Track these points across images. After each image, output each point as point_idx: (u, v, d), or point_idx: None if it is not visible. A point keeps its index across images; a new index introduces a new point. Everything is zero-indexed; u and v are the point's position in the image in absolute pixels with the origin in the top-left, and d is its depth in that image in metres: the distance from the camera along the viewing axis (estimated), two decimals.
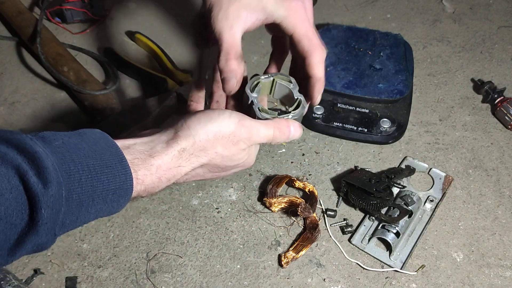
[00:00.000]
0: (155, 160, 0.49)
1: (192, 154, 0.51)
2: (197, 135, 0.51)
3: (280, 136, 0.55)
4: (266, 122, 0.55)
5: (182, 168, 0.51)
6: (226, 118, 0.53)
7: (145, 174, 0.48)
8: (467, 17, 1.10)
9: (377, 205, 0.71)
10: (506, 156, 0.85)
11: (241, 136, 0.53)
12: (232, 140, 0.53)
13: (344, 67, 0.91)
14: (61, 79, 0.85)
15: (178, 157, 0.50)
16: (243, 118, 0.54)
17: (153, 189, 0.50)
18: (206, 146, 0.52)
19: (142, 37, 0.98)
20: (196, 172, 0.54)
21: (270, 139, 0.55)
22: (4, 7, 0.98)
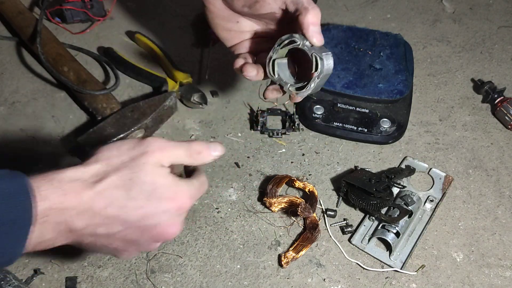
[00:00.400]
0: (57, 174, 0.46)
1: (99, 169, 0.47)
2: (100, 153, 0.49)
3: (197, 146, 0.52)
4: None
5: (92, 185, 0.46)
6: (129, 139, 0.52)
7: (47, 188, 0.44)
8: (467, 17, 1.10)
9: (377, 205, 0.71)
10: (506, 156, 0.85)
11: (149, 144, 0.49)
12: (138, 150, 0.49)
13: (344, 67, 0.91)
14: (61, 79, 0.85)
15: (83, 172, 0.47)
16: (148, 145, 0.50)
17: (61, 205, 0.45)
18: (111, 159, 0.48)
19: (142, 37, 0.98)
20: (112, 195, 0.47)
21: (187, 151, 0.51)
22: (4, 7, 0.98)
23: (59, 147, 0.82)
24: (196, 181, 0.52)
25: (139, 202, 0.47)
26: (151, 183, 0.48)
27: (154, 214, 0.49)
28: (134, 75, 0.93)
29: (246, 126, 0.87)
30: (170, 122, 0.87)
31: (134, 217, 0.48)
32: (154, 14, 1.06)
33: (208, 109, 0.89)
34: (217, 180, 0.79)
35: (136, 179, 0.47)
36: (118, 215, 0.47)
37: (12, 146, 0.82)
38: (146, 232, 0.49)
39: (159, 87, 0.90)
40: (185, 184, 0.50)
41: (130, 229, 0.48)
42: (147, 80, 0.92)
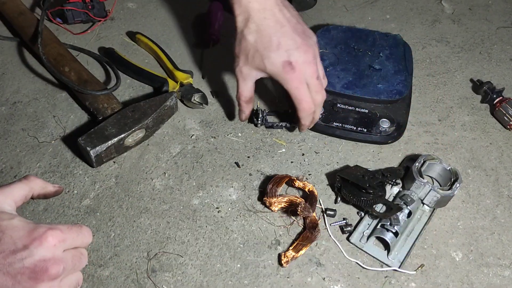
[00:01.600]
0: None
1: None
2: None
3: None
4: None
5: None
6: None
7: None
8: (466, 17, 1.11)
9: (369, 201, 0.72)
10: (505, 156, 0.86)
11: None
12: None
13: (343, 67, 0.91)
14: (62, 79, 0.85)
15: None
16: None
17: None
18: None
19: (142, 37, 0.98)
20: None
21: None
22: (6, 7, 0.99)
23: (60, 147, 0.83)
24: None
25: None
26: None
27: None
28: (135, 75, 0.93)
29: (247, 126, 0.88)
30: (171, 122, 0.88)
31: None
32: (155, 14, 1.07)
33: (208, 109, 0.90)
34: (218, 179, 0.80)
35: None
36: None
37: (13, 146, 0.82)
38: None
39: (159, 87, 0.90)
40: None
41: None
42: (147, 80, 0.92)
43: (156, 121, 0.83)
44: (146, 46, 0.98)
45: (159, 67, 0.97)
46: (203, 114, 0.89)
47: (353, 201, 0.74)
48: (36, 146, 0.82)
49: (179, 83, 0.91)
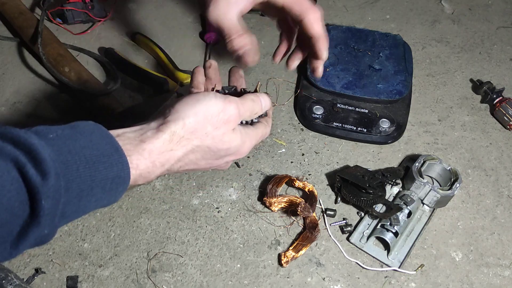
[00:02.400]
0: (146, 145, 0.49)
1: (183, 137, 0.51)
2: (186, 117, 0.52)
3: (257, 106, 0.58)
4: (244, 97, 0.57)
5: (175, 152, 0.51)
6: (212, 98, 0.53)
7: (138, 159, 0.48)
8: (466, 17, 1.11)
9: (369, 201, 0.72)
10: (505, 156, 0.86)
11: (230, 112, 0.54)
12: (222, 119, 0.53)
13: (343, 67, 0.91)
14: (62, 80, 0.85)
15: (169, 140, 0.51)
16: (228, 97, 0.55)
17: (148, 175, 0.50)
18: (196, 127, 0.52)
19: (143, 37, 0.98)
20: (189, 159, 0.54)
21: (252, 110, 0.58)
22: (6, 7, 0.99)
23: None
24: (259, 131, 0.60)
25: (209, 161, 0.56)
26: (225, 149, 0.55)
27: (218, 164, 0.58)
28: (135, 75, 0.93)
29: None
30: None
31: (201, 168, 0.57)
32: (155, 15, 1.07)
33: None
34: (218, 180, 0.80)
35: (213, 147, 0.54)
36: (189, 169, 0.56)
37: None
38: (209, 168, 0.58)
39: (159, 87, 0.90)
40: (248, 139, 0.58)
41: (198, 169, 0.58)
42: (147, 80, 0.92)
43: None
44: (146, 46, 0.98)
45: (159, 67, 0.97)
46: None
47: (353, 201, 0.74)
48: None
49: (179, 83, 0.91)
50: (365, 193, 0.73)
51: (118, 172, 0.46)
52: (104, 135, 0.47)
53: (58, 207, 0.42)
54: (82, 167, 0.43)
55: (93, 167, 0.44)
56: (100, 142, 0.46)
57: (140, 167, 0.48)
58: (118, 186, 0.47)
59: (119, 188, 0.47)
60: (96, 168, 0.44)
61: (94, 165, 0.44)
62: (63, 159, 0.42)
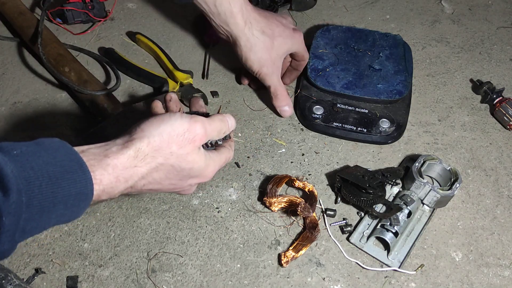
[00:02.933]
0: (110, 160, 0.50)
1: (148, 154, 0.52)
2: (151, 136, 0.52)
3: (224, 126, 0.60)
4: (211, 117, 0.59)
5: (139, 169, 0.52)
6: (178, 118, 0.54)
7: (102, 174, 0.49)
8: (466, 17, 1.11)
9: (369, 201, 0.72)
10: (505, 156, 0.86)
11: (196, 131, 0.55)
12: (187, 138, 0.54)
13: (343, 67, 0.91)
14: (62, 80, 0.85)
15: (134, 157, 0.51)
16: (194, 116, 0.56)
17: (112, 190, 0.50)
18: (161, 145, 0.53)
19: (142, 37, 0.98)
20: (153, 178, 0.54)
21: (219, 130, 0.59)
22: (6, 7, 0.99)
23: None
24: (223, 156, 0.62)
25: (172, 181, 0.57)
26: (188, 169, 0.56)
27: (181, 186, 0.59)
28: (135, 75, 0.93)
29: (246, 126, 0.88)
30: None
31: (165, 189, 0.58)
32: (155, 14, 1.07)
33: (208, 109, 0.90)
34: (217, 180, 0.80)
35: (177, 166, 0.55)
36: (153, 189, 0.56)
37: None
38: (173, 191, 0.61)
39: (159, 87, 0.90)
40: (212, 163, 0.59)
41: (162, 191, 0.59)
42: (147, 80, 0.92)
43: None
44: (146, 46, 0.98)
45: (159, 67, 0.97)
46: None
47: (353, 201, 0.74)
48: None
49: (179, 83, 0.91)
50: (365, 193, 0.73)
51: (81, 188, 0.46)
52: (68, 151, 0.47)
53: (19, 223, 0.42)
54: (44, 183, 0.44)
55: (56, 183, 0.44)
56: (64, 159, 0.46)
57: (103, 182, 0.49)
58: (80, 202, 0.47)
59: (81, 204, 0.47)
60: (59, 184, 0.45)
61: (57, 181, 0.44)
62: (26, 175, 0.43)
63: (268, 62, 0.82)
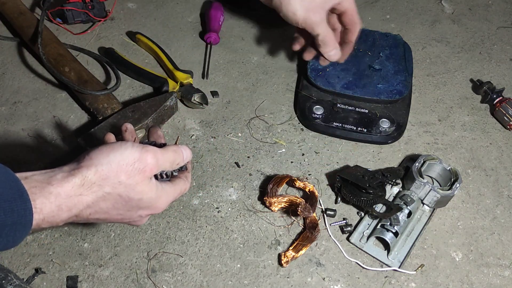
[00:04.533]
0: (54, 187, 0.48)
1: (95, 183, 0.50)
2: (99, 164, 0.50)
3: (178, 157, 0.57)
4: (165, 147, 0.56)
5: (84, 197, 0.50)
6: (128, 147, 0.52)
7: (43, 202, 0.47)
8: (466, 17, 1.11)
9: (369, 201, 0.72)
10: (505, 156, 0.86)
11: (147, 161, 0.52)
12: (137, 168, 0.52)
13: (343, 67, 0.91)
14: (62, 80, 0.85)
15: (79, 185, 0.49)
16: (146, 146, 0.53)
17: (53, 219, 0.48)
18: (109, 174, 0.50)
19: (142, 37, 0.98)
20: (100, 207, 0.52)
21: (172, 161, 0.56)
22: (6, 7, 0.99)
23: (60, 147, 0.83)
24: (177, 187, 0.59)
25: (120, 212, 0.54)
26: (137, 199, 0.53)
27: (130, 217, 0.56)
28: (135, 75, 0.93)
29: (246, 126, 0.88)
30: (171, 122, 0.88)
31: (113, 219, 0.55)
32: (155, 14, 1.07)
33: (208, 109, 0.90)
34: (218, 180, 0.80)
35: (125, 196, 0.52)
36: (99, 218, 0.54)
37: (13, 146, 0.82)
38: (122, 221, 0.57)
39: (159, 87, 0.90)
40: (165, 195, 0.56)
41: (109, 220, 0.56)
42: (147, 80, 0.92)
43: (156, 121, 0.83)
44: (146, 46, 0.98)
45: (159, 67, 0.97)
46: (203, 114, 0.89)
47: (353, 201, 0.74)
48: (36, 146, 0.82)
49: (179, 83, 0.91)
50: (365, 193, 0.73)
51: (19, 218, 0.45)
52: (10, 178, 0.46)
53: None
54: None
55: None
56: (3, 186, 0.45)
57: (44, 211, 0.47)
58: (16, 232, 0.45)
59: (17, 234, 0.46)
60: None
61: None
62: None
63: (315, 7, 0.73)
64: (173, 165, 0.57)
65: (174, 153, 0.56)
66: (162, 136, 0.67)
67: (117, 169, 0.51)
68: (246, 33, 1.03)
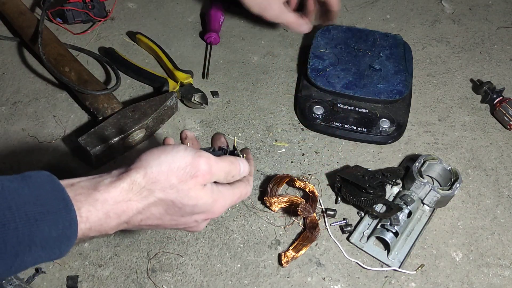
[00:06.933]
0: (100, 194, 0.46)
1: (144, 187, 0.48)
2: (149, 166, 0.48)
3: (234, 169, 0.54)
4: (222, 157, 0.54)
5: (133, 203, 0.47)
6: (181, 151, 0.50)
7: (89, 210, 0.45)
8: (466, 17, 1.11)
9: (369, 201, 0.72)
10: (505, 156, 0.86)
11: (199, 167, 0.49)
12: (189, 172, 0.49)
13: (343, 67, 0.91)
14: (63, 79, 0.85)
15: (127, 190, 0.47)
16: (200, 151, 0.51)
17: (101, 227, 0.46)
18: (159, 178, 0.48)
19: (143, 37, 0.98)
20: (152, 213, 0.49)
21: (227, 172, 0.53)
22: (6, 7, 0.99)
23: (60, 147, 0.83)
24: (237, 191, 0.55)
25: (174, 217, 0.51)
26: (191, 205, 0.50)
27: (185, 223, 0.53)
28: (135, 75, 0.93)
29: (247, 126, 0.88)
30: (171, 122, 0.88)
31: (167, 225, 0.52)
32: (155, 14, 1.07)
33: (208, 109, 0.90)
34: None
35: (178, 202, 0.49)
36: (152, 224, 0.51)
37: (13, 146, 0.82)
38: (177, 228, 0.54)
39: (160, 87, 0.90)
40: (222, 198, 0.53)
41: (163, 227, 0.53)
42: (148, 80, 0.92)
43: (156, 121, 0.83)
44: (146, 46, 0.98)
45: (159, 67, 0.97)
46: (203, 114, 0.89)
47: (353, 201, 0.74)
48: (36, 146, 0.82)
49: (179, 83, 0.91)
50: (365, 193, 0.73)
51: (63, 230, 0.43)
52: (55, 188, 0.44)
53: None
54: (21, 225, 0.40)
55: (35, 225, 0.41)
56: (48, 197, 0.43)
57: (90, 219, 0.45)
58: (61, 244, 0.44)
59: (62, 246, 0.44)
60: (37, 226, 0.41)
61: (36, 223, 0.41)
62: (1, 215, 0.40)
63: (268, 5, 0.80)
64: (228, 176, 0.53)
65: (230, 164, 0.53)
66: (225, 144, 0.63)
67: (168, 172, 0.48)
68: (246, 33, 1.03)
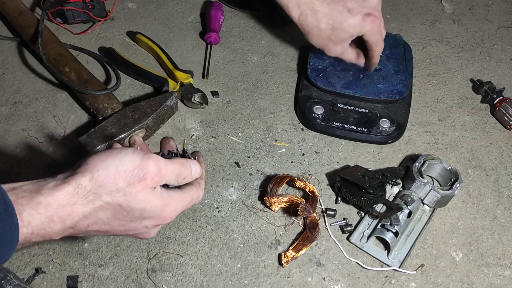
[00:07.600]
0: (43, 197, 0.44)
1: (90, 191, 0.46)
2: (95, 170, 0.46)
3: (185, 171, 0.53)
4: (172, 159, 0.53)
5: (79, 208, 0.46)
6: (129, 153, 0.48)
7: (31, 214, 0.43)
8: (467, 17, 1.11)
9: (369, 201, 0.72)
10: (505, 156, 0.86)
11: (148, 169, 0.48)
12: (137, 175, 0.47)
13: (344, 67, 0.91)
14: (63, 79, 0.85)
15: (73, 193, 0.45)
16: (149, 154, 0.50)
17: (44, 232, 0.44)
18: (106, 181, 0.46)
19: (143, 37, 0.98)
20: (99, 217, 0.48)
21: (178, 174, 0.52)
22: (6, 7, 0.99)
23: (60, 147, 0.83)
24: (187, 195, 0.54)
25: (122, 222, 0.49)
26: (139, 209, 0.49)
27: (135, 229, 0.51)
28: (135, 75, 0.93)
29: (247, 126, 0.88)
30: (171, 122, 0.88)
31: (116, 231, 0.51)
32: (155, 14, 1.07)
33: (208, 109, 0.90)
34: (218, 179, 0.80)
35: (126, 206, 0.48)
36: (100, 230, 0.49)
37: (13, 146, 0.82)
38: (127, 234, 0.53)
39: (160, 87, 0.90)
40: (172, 203, 0.52)
41: (112, 233, 0.51)
42: (148, 80, 0.92)
43: (156, 121, 0.83)
44: (146, 46, 0.98)
45: (159, 67, 0.97)
46: (203, 114, 0.89)
47: (353, 201, 0.74)
48: (36, 146, 0.82)
49: (179, 83, 0.91)
50: (365, 193, 0.73)
51: (3, 233, 0.41)
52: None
53: None
54: None
55: None
56: None
57: (32, 223, 0.43)
58: (1, 249, 0.42)
59: (2, 250, 0.42)
60: None
61: None
62: None
63: (333, 47, 0.82)
64: (179, 178, 0.52)
65: (181, 165, 0.52)
66: (174, 147, 0.62)
67: (115, 175, 0.47)
68: (246, 33, 1.03)
